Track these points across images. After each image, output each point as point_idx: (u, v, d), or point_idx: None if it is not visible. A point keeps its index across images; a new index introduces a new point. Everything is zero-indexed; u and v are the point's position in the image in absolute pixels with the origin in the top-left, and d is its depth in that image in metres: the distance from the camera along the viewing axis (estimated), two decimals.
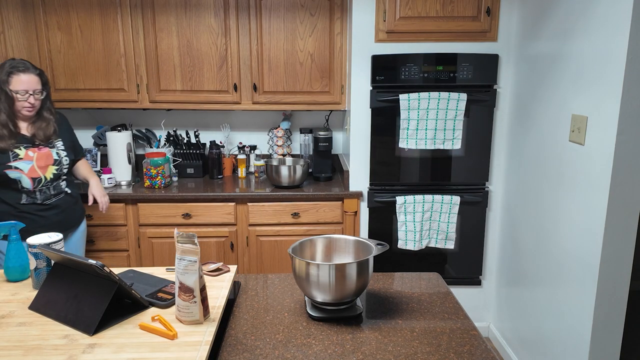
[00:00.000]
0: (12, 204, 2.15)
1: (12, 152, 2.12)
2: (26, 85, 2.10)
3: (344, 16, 2.86)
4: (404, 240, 2.81)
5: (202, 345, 1.17)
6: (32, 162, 2.16)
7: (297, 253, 1.40)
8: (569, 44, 2.12)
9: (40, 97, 2.16)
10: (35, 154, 2.17)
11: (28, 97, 2.11)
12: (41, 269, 1.47)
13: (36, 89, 2.13)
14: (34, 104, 2.13)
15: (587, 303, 1.99)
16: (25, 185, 2.14)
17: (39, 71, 2.16)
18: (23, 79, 2.10)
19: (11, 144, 2.12)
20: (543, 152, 2.36)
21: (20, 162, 2.13)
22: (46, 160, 2.20)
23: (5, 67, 2.09)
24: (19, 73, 2.09)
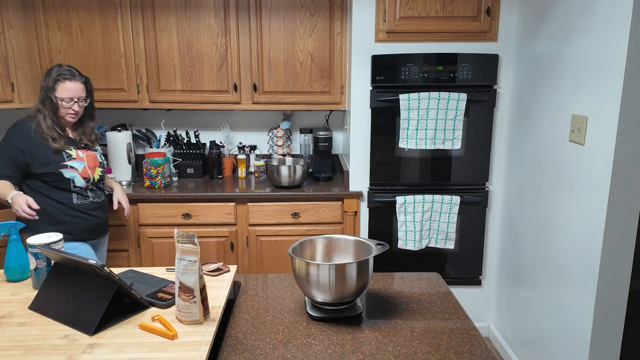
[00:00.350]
0: (66, 204, 2.18)
1: (65, 153, 2.16)
2: (71, 93, 2.12)
3: (344, 16, 2.86)
4: (404, 240, 2.81)
5: (202, 345, 1.17)
6: (84, 162, 2.21)
7: (297, 253, 1.40)
8: (568, 44, 2.12)
9: (84, 104, 2.19)
10: (84, 155, 2.22)
11: (72, 104, 2.14)
12: (41, 269, 1.47)
13: (81, 97, 2.16)
14: (77, 111, 2.17)
15: (587, 303, 1.98)
16: (79, 184, 2.18)
17: (85, 79, 2.19)
18: (69, 87, 2.12)
19: (64, 144, 2.16)
20: (543, 152, 2.36)
21: (74, 162, 2.17)
22: (94, 161, 2.26)
23: (52, 74, 2.12)
24: (65, 80, 2.11)
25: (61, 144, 2.15)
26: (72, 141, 2.22)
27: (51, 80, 2.11)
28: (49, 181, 2.15)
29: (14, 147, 2.12)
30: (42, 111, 2.14)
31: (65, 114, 2.16)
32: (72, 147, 2.20)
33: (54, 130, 2.13)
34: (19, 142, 2.12)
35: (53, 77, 2.11)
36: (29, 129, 2.13)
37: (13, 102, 2.90)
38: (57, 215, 2.18)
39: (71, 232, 2.20)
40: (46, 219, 2.17)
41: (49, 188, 2.16)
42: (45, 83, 2.13)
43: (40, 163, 2.12)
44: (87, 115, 2.26)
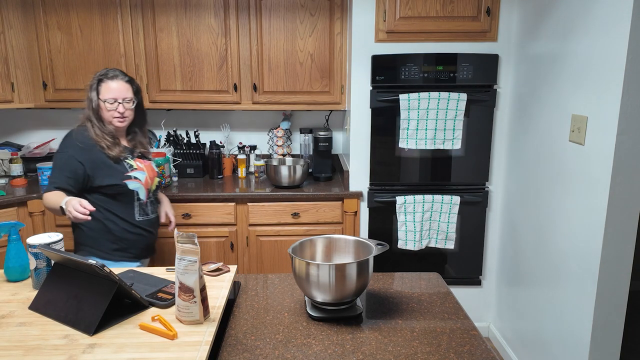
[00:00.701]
0: (129, 220, 2.01)
1: (127, 163, 2.00)
2: (115, 93, 1.95)
3: (344, 16, 2.86)
4: (404, 240, 2.81)
5: (202, 345, 1.17)
6: (145, 172, 2.05)
7: (297, 253, 1.40)
8: (569, 44, 2.12)
9: (131, 106, 2.01)
10: (144, 164, 2.07)
11: (117, 105, 1.96)
12: (41, 269, 1.47)
13: (126, 97, 1.98)
14: (123, 113, 1.98)
15: (587, 303, 1.98)
16: (142, 196, 2.03)
17: (129, 78, 2.02)
18: (111, 87, 1.95)
19: (121, 151, 1.99)
20: (543, 152, 2.36)
21: (137, 172, 2.01)
22: (152, 171, 2.11)
23: (95, 76, 1.99)
24: (107, 80, 1.96)
25: (117, 152, 1.97)
26: (128, 150, 2.05)
27: (94, 83, 1.97)
28: (112, 194, 1.96)
29: (70, 158, 1.92)
30: (90, 118, 1.97)
31: (110, 117, 1.97)
32: (129, 156, 2.03)
33: (105, 137, 1.96)
34: (75, 152, 1.93)
35: (96, 78, 1.97)
36: (83, 138, 1.95)
37: (13, 102, 2.90)
38: (119, 232, 2.00)
39: (129, 249, 2.03)
40: (107, 235, 1.99)
41: (111, 202, 1.98)
42: (89, 87, 1.98)
43: (102, 174, 1.94)
44: (138, 121, 2.09)
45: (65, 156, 1.93)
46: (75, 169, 1.91)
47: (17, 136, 3.32)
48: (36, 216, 2.77)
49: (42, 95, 2.96)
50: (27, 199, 2.75)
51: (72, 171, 1.91)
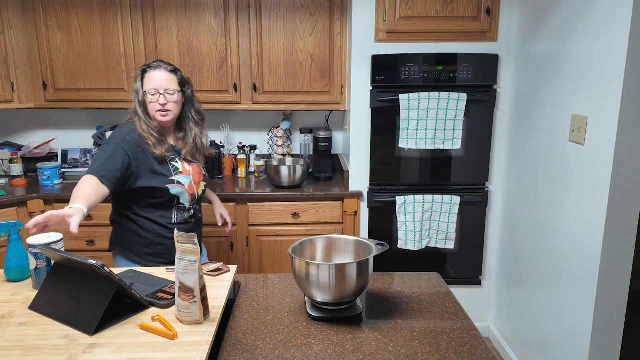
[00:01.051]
0: (164, 224, 1.89)
1: (172, 165, 1.87)
2: (156, 84, 1.81)
3: (344, 16, 2.86)
4: (404, 240, 2.81)
5: (202, 345, 1.17)
6: (190, 176, 1.92)
7: (297, 253, 1.40)
8: (569, 44, 2.12)
9: (174, 98, 1.85)
10: (191, 168, 1.93)
11: (159, 97, 1.82)
12: (41, 269, 1.47)
13: (168, 88, 1.83)
14: (165, 105, 1.83)
15: (587, 303, 1.98)
16: (183, 201, 1.90)
17: (173, 68, 1.88)
18: (153, 77, 1.83)
19: (167, 150, 1.86)
20: (543, 152, 2.36)
21: (181, 177, 1.88)
22: (199, 175, 1.97)
23: (140, 67, 1.89)
24: (150, 70, 1.84)
25: (163, 151, 1.83)
26: (175, 150, 1.91)
27: (138, 74, 1.86)
28: (152, 197, 1.84)
29: (119, 149, 1.77)
30: (136, 111, 1.86)
31: (153, 111, 1.84)
32: (176, 157, 1.90)
33: (151, 134, 1.83)
34: (125, 145, 1.79)
35: (140, 69, 1.87)
36: (132, 132, 1.83)
37: (13, 102, 2.90)
38: (152, 236, 1.88)
39: (163, 255, 1.91)
40: (139, 238, 1.89)
41: (149, 203, 1.86)
42: (134, 79, 1.88)
43: (146, 175, 1.81)
44: (186, 119, 1.93)
45: (114, 147, 1.78)
46: (122, 161, 1.76)
47: (17, 136, 3.32)
48: (36, 216, 2.77)
49: (42, 95, 2.96)
50: (27, 199, 2.75)
51: (118, 163, 1.75)
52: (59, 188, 2.89)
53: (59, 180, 2.96)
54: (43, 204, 2.78)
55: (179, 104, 1.88)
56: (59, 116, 3.31)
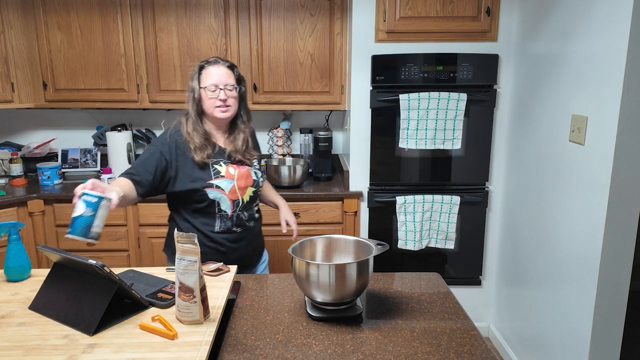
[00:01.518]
0: (205, 232, 1.82)
1: (213, 168, 1.80)
2: (215, 79, 1.77)
3: (344, 16, 2.86)
4: (404, 240, 2.81)
5: (202, 345, 1.17)
6: (233, 181, 1.82)
7: (297, 253, 1.40)
8: (569, 44, 2.12)
9: (234, 93, 1.80)
10: (236, 172, 1.83)
11: (218, 92, 1.77)
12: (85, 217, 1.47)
13: (227, 84, 1.78)
14: (225, 100, 1.78)
15: (587, 303, 1.98)
16: (224, 208, 1.81)
17: (230, 64, 1.84)
18: (212, 72, 1.78)
19: (210, 155, 1.80)
20: (543, 152, 2.36)
21: (221, 181, 1.79)
22: (246, 180, 1.85)
23: (197, 64, 1.84)
24: (208, 66, 1.80)
25: (204, 156, 1.77)
26: (222, 153, 1.84)
27: (195, 72, 1.82)
28: (193, 202, 1.79)
29: (156, 152, 1.77)
30: (188, 113, 1.81)
31: (212, 107, 1.78)
32: (221, 161, 1.82)
33: (197, 136, 1.78)
34: (164, 149, 1.77)
35: (197, 66, 1.82)
36: (176, 135, 1.80)
37: (13, 102, 2.91)
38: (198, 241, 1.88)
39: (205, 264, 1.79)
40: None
41: (191, 209, 1.82)
42: (190, 77, 1.83)
43: (185, 178, 1.77)
44: (240, 118, 1.88)
45: (152, 149, 1.78)
46: (156, 164, 1.75)
47: (17, 136, 3.32)
48: (36, 216, 2.77)
49: (42, 95, 2.96)
50: (27, 199, 2.75)
51: (153, 166, 1.75)
52: (59, 188, 2.89)
53: (59, 180, 2.96)
54: (43, 204, 2.78)
55: (237, 100, 1.83)
56: (59, 116, 3.31)
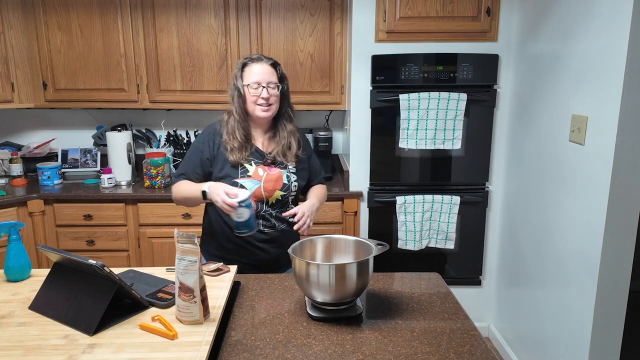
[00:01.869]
0: (231, 228, 1.78)
1: (242, 167, 1.78)
2: (259, 77, 1.75)
3: (344, 16, 2.86)
4: (404, 240, 2.81)
5: (202, 345, 1.17)
6: (260, 182, 1.78)
7: (297, 253, 1.40)
8: (569, 44, 2.11)
9: (276, 92, 1.78)
10: (265, 174, 1.79)
11: (261, 90, 1.74)
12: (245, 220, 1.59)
13: (270, 82, 1.76)
14: (268, 99, 1.75)
15: (587, 303, 1.98)
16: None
17: (273, 62, 1.81)
18: (255, 70, 1.76)
19: (244, 156, 1.78)
20: (543, 152, 2.36)
21: (247, 180, 1.77)
22: (275, 183, 1.80)
23: (239, 62, 1.82)
24: (251, 64, 1.77)
25: (239, 157, 1.76)
26: (257, 153, 1.81)
27: (238, 68, 1.79)
28: None
29: (197, 150, 1.81)
30: (230, 111, 1.81)
31: (254, 105, 1.76)
32: (252, 160, 1.79)
33: (238, 136, 1.76)
34: (204, 147, 1.80)
35: (240, 63, 1.80)
36: (214, 133, 1.81)
37: (13, 102, 2.91)
38: (221, 238, 1.84)
39: (231, 261, 1.74)
40: (212, 238, 1.87)
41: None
42: (234, 76, 1.81)
43: (216, 174, 1.79)
44: (282, 117, 1.84)
45: (194, 148, 1.84)
46: (200, 162, 1.80)
47: (17, 136, 3.32)
48: (36, 216, 2.77)
49: (42, 95, 2.96)
50: (27, 199, 2.75)
51: (198, 164, 1.80)
52: (59, 188, 2.89)
53: (59, 180, 2.96)
54: (43, 204, 2.78)
55: (279, 99, 1.80)
56: (59, 116, 3.31)
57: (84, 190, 2.85)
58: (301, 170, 1.88)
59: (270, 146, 1.84)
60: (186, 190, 1.78)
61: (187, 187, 1.78)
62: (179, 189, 1.81)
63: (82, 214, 2.79)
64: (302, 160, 1.88)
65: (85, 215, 2.79)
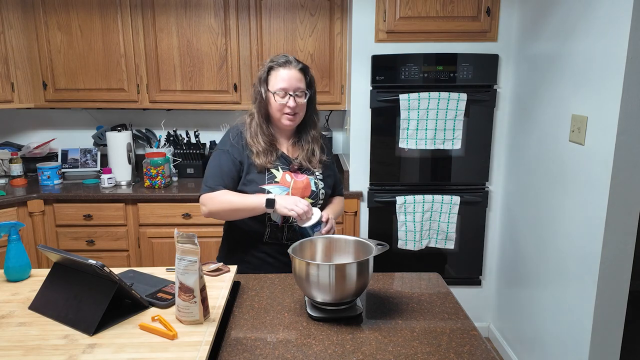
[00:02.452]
0: (256, 239, 1.73)
1: (269, 173, 1.68)
2: (286, 84, 1.63)
3: (344, 16, 2.86)
4: (404, 240, 2.81)
5: (202, 345, 1.17)
6: (288, 189, 1.69)
7: (297, 253, 1.40)
8: (569, 44, 2.11)
9: (303, 100, 1.67)
10: (292, 181, 1.70)
11: (287, 99, 1.63)
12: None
13: (298, 89, 1.64)
14: (294, 108, 1.64)
15: (587, 303, 1.98)
16: (275, 218, 1.70)
17: (303, 66, 1.68)
18: (282, 75, 1.63)
19: (270, 161, 1.68)
20: (543, 152, 2.36)
21: (274, 187, 1.67)
22: (303, 190, 1.70)
23: (266, 63, 1.69)
24: (278, 68, 1.64)
25: (265, 161, 1.66)
26: (284, 159, 1.72)
27: (264, 70, 1.66)
28: None
29: (227, 154, 1.70)
30: (252, 114, 1.70)
31: (279, 113, 1.66)
32: (279, 166, 1.70)
33: (261, 139, 1.67)
34: (233, 150, 1.69)
35: (266, 66, 1.67)
36: (238, 137, 1.71)
37: (13, 102, 2.91)
38: (246, 249, 1.75)
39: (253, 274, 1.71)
40: (235, 249, 1.78)
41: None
42: (258, 79, 1.69)
43: (243, 179, 1.69)
44: (309, 123, 1.74)
45: (222, 153, 1.71)
46: (234, 165, 1.69)
47: (17, 136, 3.32)
48: (36, 216, 2.77)
49: (42, 95, 2.96)
50: (27, 199, 2.75)
51: (233, 169, 1.69)
52: (59, 188, 2.89)
53: (59, 180, 2.97)
54: (43, 204, 2.78)
55: (305, 107, 1.69)
56: (59, 116, 3.31)
57: (84, 190, 2.85)
58: (327, 177, 1.80)
59: (295, 152, 1.75)
60: (237, 201, 1.64)
61: (237, 199, 1.64)
62: (222, 200, 1.65)
63: (82, 214, 2.79)
64: (328, 167, 1.80)
65: (85, 215, 2.79)
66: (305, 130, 1.75)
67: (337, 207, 1.85)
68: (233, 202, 1.65)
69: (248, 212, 1.65)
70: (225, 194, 1.67)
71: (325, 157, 1.78)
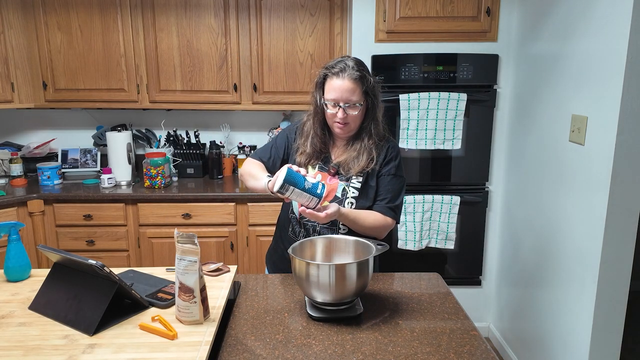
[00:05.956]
0: (285, 229, 1.76)
1: (305, 168, 1.67)
2: (337, 94, 1.55)
3: (344, 16, 2.86)
4: (404, 240, 2.81)
5: (202, 345, 1.17)
6: None
7: (297, 253, 1.40)
8: (569, 44, 2.12)
9: (355, 112, 1.57)
10: (324, 181, 1.66)
11: (337, 110, 1.57)
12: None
13: (349, 100, 1.55)
14: (343, 119, 1.58)
15: (587, 303, 1.98)
16: (294, 210, 1.70)
17: (360, 75, 1.56)
18: (334, 85, 1.56)
19: (307, 161, 1.67)
20: (543, 152, 2.36)
21: None
22: (329, 193, 1.66)
23: (322, 69, 1.62)
24: (331, 77, 1.57)
25: (304, 159, 1.66)
26: (325, 160, 1.69)
27: (320, 75, 1.61)
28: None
29: (286, 139, 1.73)
30: (310, 116, 1.69)
31: (331, 121, 1.62)
32: (318, 164, 1.68)
33: (307, 143, 1.66)
34: (290, 132, 1.74)
35: (322, 72, 1.61)
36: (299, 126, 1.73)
37: (13, 102, 2.91)
38: (277, 240, 1.83)
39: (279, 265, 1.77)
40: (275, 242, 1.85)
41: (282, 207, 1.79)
42: (315, 84, 1.65)
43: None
44: (365, 132, 1.64)
45: (285, 137, 1.75)
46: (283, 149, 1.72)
47: (17, 136, 3.32)
48: (36, 216, 2.77)
49: (42, 95, 2.96)
50: (27, 199, 2.75)
51: (279, 151, 1.71)
52: (59, 188, 2.89)
53: (59, 180, 2.96)
54: (43, 204, 2.78)
55: (360, 118, 1.61)
56: (59, 116, 3.31)
57: (84, 190, 2.85)
58: (368, 187, 1.66)
59: (341, 156, 1.68)
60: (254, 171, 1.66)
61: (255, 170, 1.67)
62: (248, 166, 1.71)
63: (82, 214, 2.79)
64: (381, 177, 1.66)
65: (85, 216, 2.79)
66: (359, 138, 1.66)
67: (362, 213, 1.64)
68: (252, 171, 1.67)
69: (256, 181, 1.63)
70: (255, 163, 1.71)
71: (373, 165, 1.64)
